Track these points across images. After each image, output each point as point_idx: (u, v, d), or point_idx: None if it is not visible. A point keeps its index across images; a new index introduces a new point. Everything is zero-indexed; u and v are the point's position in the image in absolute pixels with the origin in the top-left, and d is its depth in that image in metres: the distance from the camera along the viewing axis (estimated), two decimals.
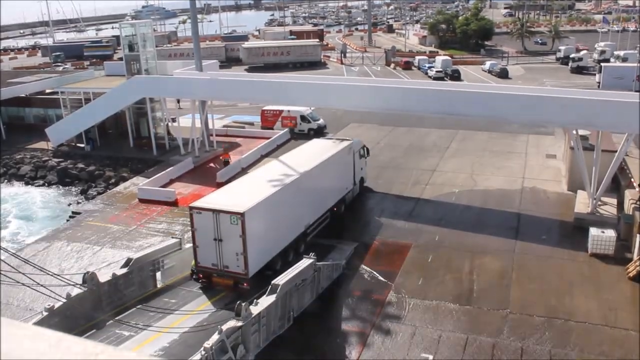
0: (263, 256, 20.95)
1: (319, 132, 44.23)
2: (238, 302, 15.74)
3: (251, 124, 49.59)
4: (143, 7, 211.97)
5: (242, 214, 19.33)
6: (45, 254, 26.16)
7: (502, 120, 34.72)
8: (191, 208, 20.51)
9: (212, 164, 38.96)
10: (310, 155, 27.51)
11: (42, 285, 15.94)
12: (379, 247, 25.54)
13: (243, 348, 15.29)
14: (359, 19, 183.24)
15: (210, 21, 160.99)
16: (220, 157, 39.17)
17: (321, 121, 46.00)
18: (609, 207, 27.14)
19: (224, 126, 48.70)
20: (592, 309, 19.94)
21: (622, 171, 29.72)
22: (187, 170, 37.23)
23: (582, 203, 27.36)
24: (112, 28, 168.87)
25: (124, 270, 19.26)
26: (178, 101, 42.35)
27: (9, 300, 21.46)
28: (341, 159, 28.51)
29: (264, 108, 47.42)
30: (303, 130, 45.42)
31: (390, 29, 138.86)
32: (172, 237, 22.69)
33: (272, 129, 46.52)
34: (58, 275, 16.98)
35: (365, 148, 32.07)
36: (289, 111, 46.01)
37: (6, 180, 41.22)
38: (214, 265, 20.20)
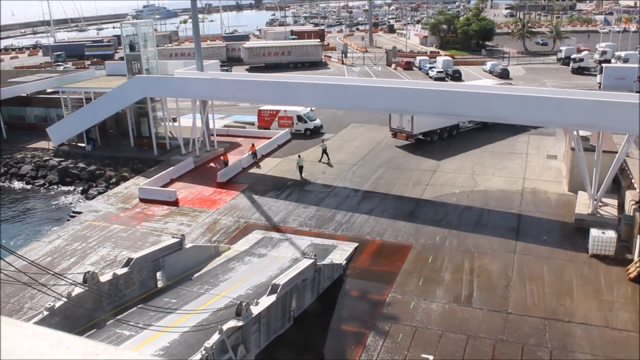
0: (422, 127, 39.00)
1: (316, 132, 44.64)
2: (239, 302, 15.76)
3: (252, 124, 49.61)
4: (144, 6, 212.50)
5: None
6: (46, 253, 26.18)
7: (503, 121, 34.64)
8: None
9: (212, 164, 38.97)
10: None
11: (43, 285, 15.96)
12: (380, 247, 25.55)
13: (243, 348, 15.31)
14: (360, 19, 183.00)
15: (212, 21, 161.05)
16: (222, 158, 39.17)
17: (317, 121, 46.07)
18: (610, 208, 27.11)
19: (225, 126, 48.74)
20: (593, 310, 19.94)
21: (622, 172, 29.72)
22: (188, 170, 37.21)
23: (583, 204, 27.34)
24: (113, 27, 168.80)
25: (125, 269, 19.26)
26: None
27: (9, 300, 21.49)
28: None
29: (261, 108, 47.54)
30: (300, 130, 45.49)
31: (391, 29, 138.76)
32: (173, 237, 22.68)
33: (268, 128, 46.61)
34: (59, 274, 17.00)
35: None
36: (285, 111, 46.05)
37: (7, 180, 41.29)
38: (397, 127, 39.60)
